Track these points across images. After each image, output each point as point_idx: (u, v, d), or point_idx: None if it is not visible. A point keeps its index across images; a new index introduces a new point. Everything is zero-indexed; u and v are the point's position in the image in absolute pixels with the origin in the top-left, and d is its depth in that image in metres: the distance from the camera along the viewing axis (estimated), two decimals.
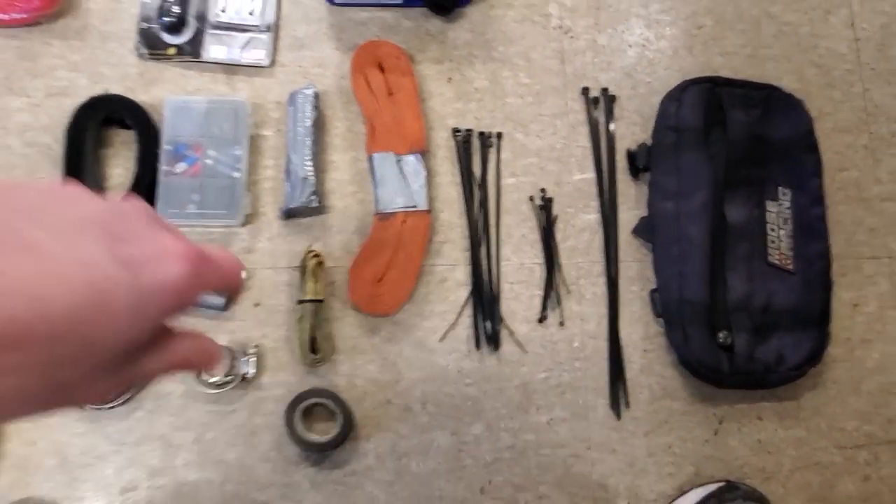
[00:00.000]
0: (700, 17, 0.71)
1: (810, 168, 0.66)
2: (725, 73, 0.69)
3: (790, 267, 0.64)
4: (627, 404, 0.62)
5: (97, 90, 0.62)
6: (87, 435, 0.58)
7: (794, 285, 0.63)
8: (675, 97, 0.65)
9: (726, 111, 0.65)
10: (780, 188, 0.65)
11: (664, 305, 0.63)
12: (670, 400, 0.63)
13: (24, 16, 0.61)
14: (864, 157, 0.70)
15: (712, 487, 0.59)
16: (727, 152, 0.65)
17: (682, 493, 0.61)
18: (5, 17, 0.61)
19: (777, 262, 0.64)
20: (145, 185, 0.59)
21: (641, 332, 0.64)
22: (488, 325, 0.62)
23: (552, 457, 0.61)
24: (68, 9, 0.64)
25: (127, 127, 0.61)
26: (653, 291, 0.64)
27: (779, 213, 0.65)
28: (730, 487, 0.59)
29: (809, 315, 0.63)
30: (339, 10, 0.67)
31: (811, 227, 0.65)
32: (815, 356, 0.62)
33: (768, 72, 0.70)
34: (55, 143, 0.61)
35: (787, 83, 0.70)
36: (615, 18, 0.70)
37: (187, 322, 0.60)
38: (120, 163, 0.62)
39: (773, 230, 0.64)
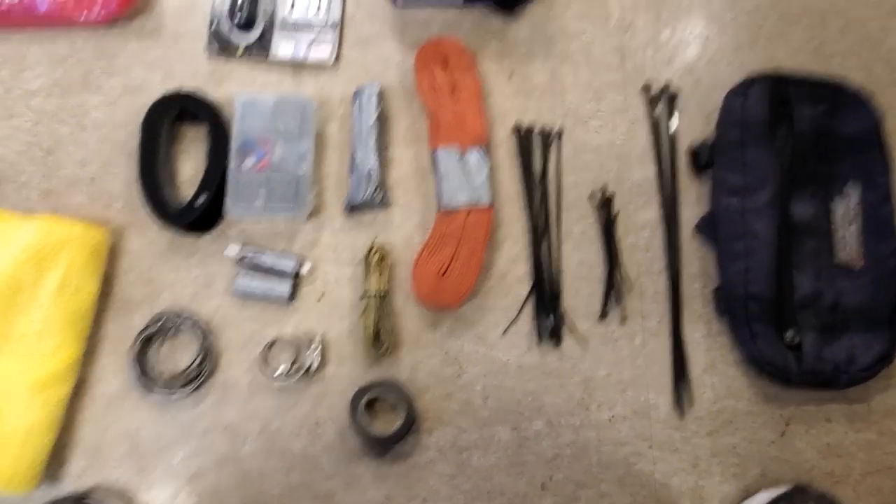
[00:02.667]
0: (764, 12, 0.70)
1: (879, 165, 0.64)
2: (790, 68, 0.68)
3: (859, 265, 0.62)
4: (691, 403, 0.61)
5: (170, 88, 0.64)
6: (157, 423, 0.59)
7: (864, 284, 0.62)
8: (741, 92, 0.64)
9: (793, 106, 0.64)
10: (847, 185, 0.64)
11: (729, 302, 0.62)
12: (734, 400, 0.62)
13: (102, 16, 0.63)
14: None
15: (781, 490, 0.58)
16: (793, 148, 0.64)
17: (750, 495, 0.59)
18: (85, 17, 0.63)
19: (846, 260, 0.62)
20: (215, 180, 0.61)
21: (704, 330, 0.63)
22: (549, 320, 0.62)
23: (613, 454, 0.60)
24: (143, 9, 0.66)
25: (199, 123, 0.63)
26: (716, 289, 0.63)
27: (847, 210, 0.63)
28: (800, 490, 0.58)
29: (880, 315, 0.61)
30: (402, 8, 0.68)
31: (881, 226, 0.63)
32: (887, 357, 0.60)
33: (834, 67, 0.69)
34: (129, 140, 0.63)
35: (854, 79, 0.68)
36: (676, 14, 0.70)
37: (253, 311, 0.61)
38: (191, 158, 0.64)
39: (841, 228, 0.63)
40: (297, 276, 0.61)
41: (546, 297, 0.62)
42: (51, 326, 0.56)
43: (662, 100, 0.67)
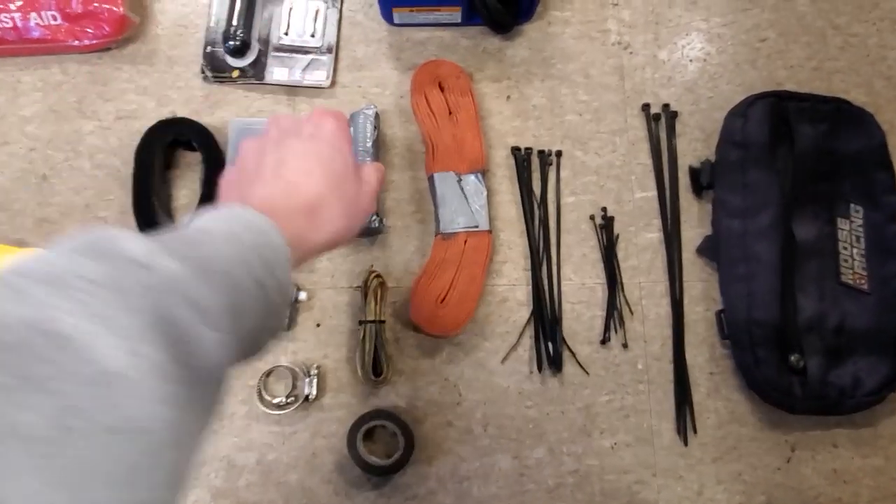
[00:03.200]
0: (763, 30, 0.70)
1: (884, 184, 0.64)
2: (790, 86, 0.67)
3: (865, 287, 0.61)
4: (694, 429, 0.60)
5: (165, 113, 0.63)
6: None
7: (870, 306, 0.61)
8: (741, 112, 0.63)
9: (793, 126, 0.63)
10: (851, 205, 0.63)
11: (731, 327, 0.61)
12: (739, 425, 0.61)
13: (96, 42, 0.63)
14: None
15: None
16: (795, 168, 0.63)
17: None
18: (78, 43, 0.63)
19: (850, 281, 0.61)
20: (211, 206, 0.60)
21: (707, 354, 0.62)
22: (550, 346, 0.61)
23: (617, 483, 0.59)
24: (137, 35, 0.66)
25: (193, 149, 0.62)
26: (719, 312, 0.62)
27: (851, 230, 0.62)
28: None
29: (887, 337, 0.60)
30: (398, 30, 0.67)
31: (886, 246, 0.62)
32: (894, 381, 0.59)
33: (835, 85, 0.68)
34: (124, 166, 0.63)
35: (855, 96, 0.67)
36: (675, 33, 0.69)
37: None
38: (186, 184, 0.63)
39: (845, 248, 0.62)
40: (294, 304, 0.60)
41: (546, 322, 0.61)
42: None
43: (662, 120, 0.67)
